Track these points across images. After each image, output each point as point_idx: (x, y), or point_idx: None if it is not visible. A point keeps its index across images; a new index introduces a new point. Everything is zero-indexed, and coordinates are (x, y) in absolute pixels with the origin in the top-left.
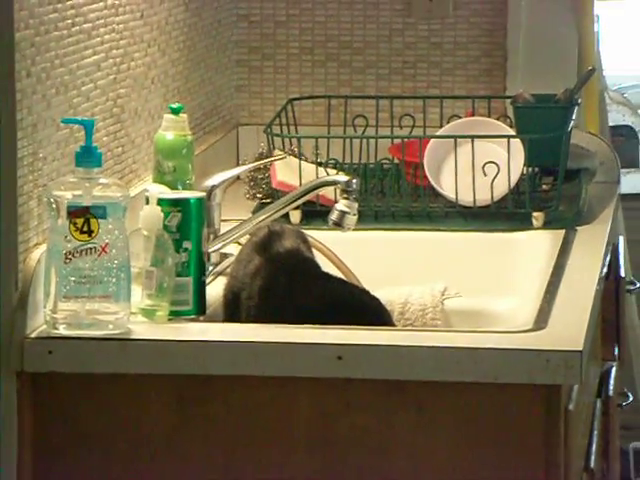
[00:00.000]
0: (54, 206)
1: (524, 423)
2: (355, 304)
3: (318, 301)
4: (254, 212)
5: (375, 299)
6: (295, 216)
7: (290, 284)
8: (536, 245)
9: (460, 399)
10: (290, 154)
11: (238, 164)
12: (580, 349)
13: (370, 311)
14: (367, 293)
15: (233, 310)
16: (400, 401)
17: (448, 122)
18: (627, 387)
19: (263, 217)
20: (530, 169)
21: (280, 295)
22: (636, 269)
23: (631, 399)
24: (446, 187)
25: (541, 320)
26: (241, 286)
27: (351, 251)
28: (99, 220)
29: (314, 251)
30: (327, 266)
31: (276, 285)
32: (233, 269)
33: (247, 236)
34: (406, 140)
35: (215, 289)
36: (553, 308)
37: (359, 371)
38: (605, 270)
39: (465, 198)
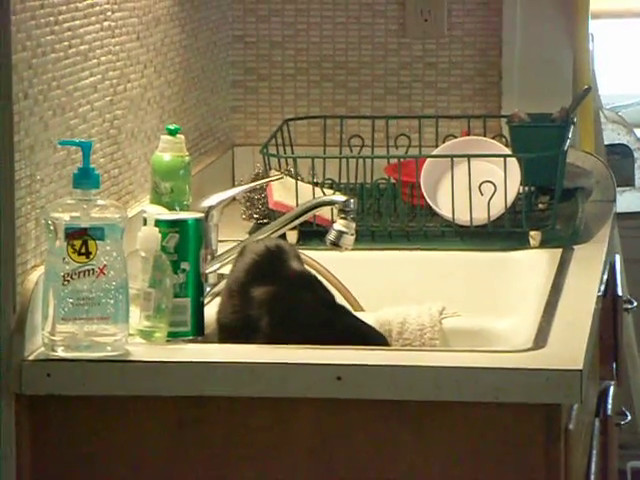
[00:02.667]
0: (52, 228)
1: (524, 442)
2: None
3: (340, 335)
4: (250, 233)
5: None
6: (291, 236)
7: (311, 317)
8: (533, 264)
9: (460, 419)
10: (286, 174)
11: (234, 185)
12: (580, 368)
13: None
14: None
15: (238, 334)
16: (400, 421)
17: (444, 142)
18: (625, 406)
19: (260, 238)
20: (526, 188)
21: (299, 326)
22: (632, 288)
23: (629, 418)
24: (443, 206)
25: (540, 339)
26: (250, 314)
27: (348, 271)
28: (97, 242)
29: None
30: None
31: (297, 314)
32: (231, 290)
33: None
34: (402, 160)
35: (213, 310)
36: (552, 327)
37: (358, 391)
38: (603, 289)
39: (462, 217)
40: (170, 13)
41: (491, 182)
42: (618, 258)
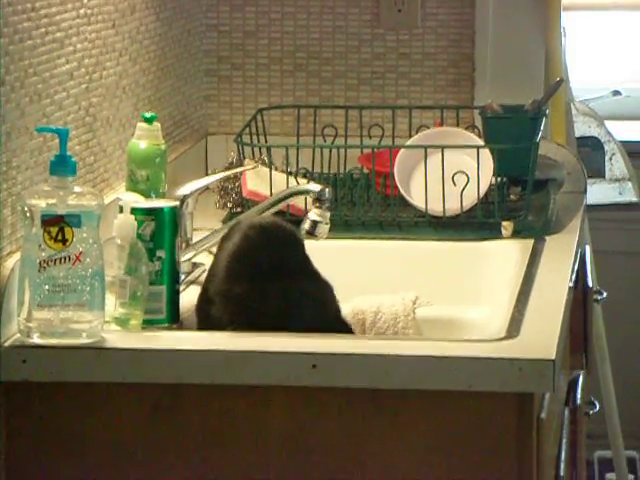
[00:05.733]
0: (28, 214)
1: (497, 431)
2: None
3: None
4: (224, 221)
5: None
6: None
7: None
8: (506, 254)
9: (433, 407)
10: (260, 163)
11: (207, 173)
12: (552, 358)
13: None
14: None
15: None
16: (374, 409)
17: (417, 132)
18: (593, 396)
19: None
20: (499, 179)
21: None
22: (601, 279)
23: (597, 408)
24: (416, 197)
25: (513, 329)
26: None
27: (322, 260)
28: (73, 229)
29: None
30: None
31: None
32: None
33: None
34: (376, 150)
35: (188, 298)
36: (524, 317)
37: (333, 379)
38: (573, 280)
39: (435, 208)
40: (145, 1)
41: (464, 173)
42: (588, 249)
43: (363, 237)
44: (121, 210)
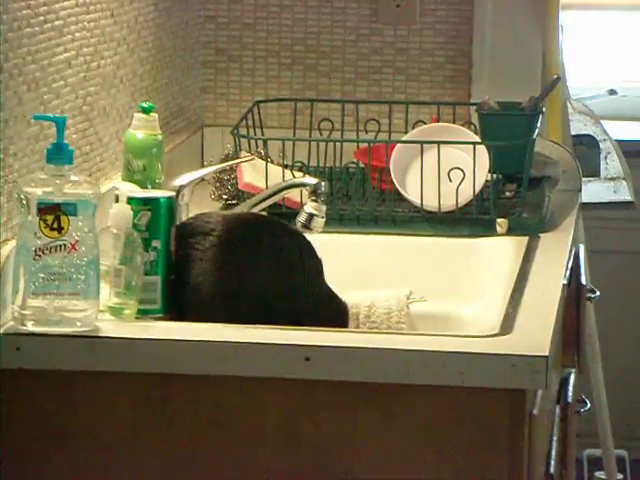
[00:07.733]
0: (24, 202)
1: (489, 427)
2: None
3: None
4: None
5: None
6: None
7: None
8: (500, 251)
9: (427, 402)
10: (256, 156)
11: (203, 165)
12: (546, 354)
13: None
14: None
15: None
16: (367, 403)
17: (413, 127)
18: (584, 394)
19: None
20: (494, 176)
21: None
22: (595, 278)
23: (589, 406)
24: (411, 192)
25: (507, 325)
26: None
27: None
28: (69, 217)
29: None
30: None
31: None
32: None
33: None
34: (372, 145)
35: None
36: (518, 313)
37: (327, 373)
38: (567, 277)
39: (430, 203)
40: None
41: (460, 169)
42: (582, 247)
43: (358, 232)
44: (117, 200)
